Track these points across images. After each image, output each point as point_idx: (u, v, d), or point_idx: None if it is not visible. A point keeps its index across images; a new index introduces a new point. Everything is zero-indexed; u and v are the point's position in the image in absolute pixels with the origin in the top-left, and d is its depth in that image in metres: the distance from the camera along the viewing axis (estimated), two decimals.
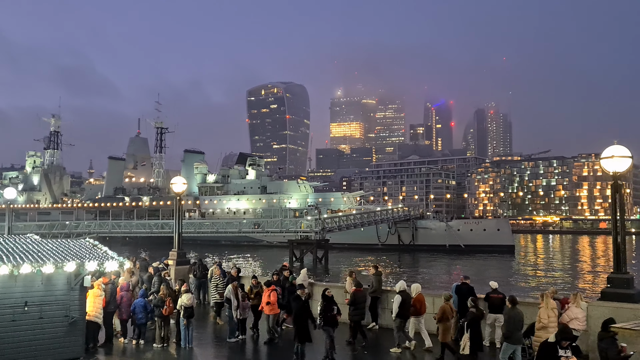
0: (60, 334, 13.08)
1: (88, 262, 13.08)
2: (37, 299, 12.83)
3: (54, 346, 12.97)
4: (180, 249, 22.99)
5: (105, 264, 13.39)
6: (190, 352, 14.68)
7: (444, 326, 13.41)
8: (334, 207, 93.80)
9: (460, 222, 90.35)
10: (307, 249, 63.69)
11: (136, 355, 14.62)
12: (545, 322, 11.91)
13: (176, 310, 15.15)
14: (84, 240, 15.63)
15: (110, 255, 13.98)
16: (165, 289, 15.50)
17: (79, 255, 13.57)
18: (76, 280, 13.26)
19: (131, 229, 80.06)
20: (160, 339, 15.13)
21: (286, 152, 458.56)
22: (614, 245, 13.37)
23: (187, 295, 15.01)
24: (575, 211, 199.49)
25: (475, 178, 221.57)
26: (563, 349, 8.31)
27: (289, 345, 14.98)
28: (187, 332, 14.93)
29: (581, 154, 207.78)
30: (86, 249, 14.56)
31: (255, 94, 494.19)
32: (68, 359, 13.11)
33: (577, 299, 12.80)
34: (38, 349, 12.76)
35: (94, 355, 14.02)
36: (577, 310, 12.57)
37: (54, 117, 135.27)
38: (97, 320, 14.68)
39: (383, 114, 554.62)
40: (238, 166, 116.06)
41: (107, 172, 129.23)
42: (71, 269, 12.81)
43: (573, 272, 58.71)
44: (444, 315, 13.47)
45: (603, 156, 13.10)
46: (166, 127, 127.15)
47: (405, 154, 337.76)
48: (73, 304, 13.28)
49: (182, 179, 23.18)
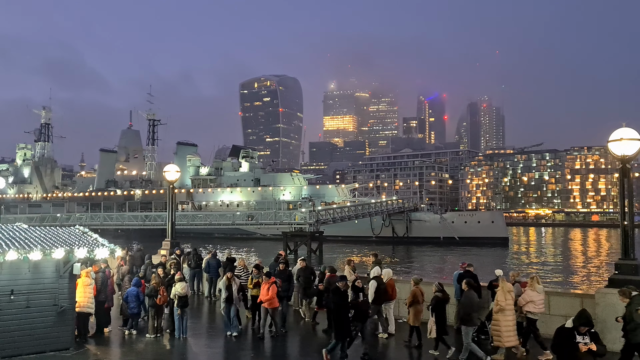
0: (49, 323, 12.56)
1: (77, 249, 12.56)
2: (24, 287, 12.30)
3: (42, 336, 12.45)
4: (173, 239, 22.50)
5: (95, 251, 12.88)
6: (185, 343, 14.14)
7: (415, 310, 13.44)
8: (327, 199, 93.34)
9: (455, 215, 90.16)
10: (301, 241, 63.24)
11: (128, 346, 14.09)
12: (502, 305, 11.87)
13: (170, 299, 14.66)
14: (74, 227, 15.10)
15: (101, 243, 13.46)
16: (157, 277, 14.97)
17: (68, 242, 13.04)
18: (65, 267, 12.73)
19: (123, 221, 79.25)
20: (153, 329, 14.62)
21: (279, 146, 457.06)
22: (622, 232, 13.03)
23: (181, 284, 14.47)
24: (568, 204, 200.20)
25: (469, 171, 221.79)
26: (581, 335, 7.83)
27: (289, 341, 14.61)
28: (181, 322, 14.41)
29: (573, 147, 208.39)
30: (76, 236, 14.02)
31: (248, 87, 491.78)
32: (57, 349, 12.60)
33: (533, 282, 12.78)
34: (25, 339, 12.23)
35: (84, 346, 13.46)
36: (532, 294, 12.57)
37: (45, 109, 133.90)
38: (88, 311, 14.13)
39: (376, 107, 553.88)
40: (231, 159, 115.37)
41: (98, 164, 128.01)
42: (60, 256, 12.28)
43: (566, 263, 59.40)
44: (415, 299, 13.52)
45: (611, 139, 12.63)
46: (158, 119, 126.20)
47: (398, 148, 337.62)
48: (62, 293, 12.75)
49: (175, 166, 22.68)
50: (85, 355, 12.85)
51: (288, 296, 15.67)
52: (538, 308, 12.58)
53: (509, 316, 11.99)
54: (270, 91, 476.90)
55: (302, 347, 14.49)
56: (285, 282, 15.58)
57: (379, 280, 14.40)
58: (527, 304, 12.51)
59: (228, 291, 14.73)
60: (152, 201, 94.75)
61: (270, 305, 14.27)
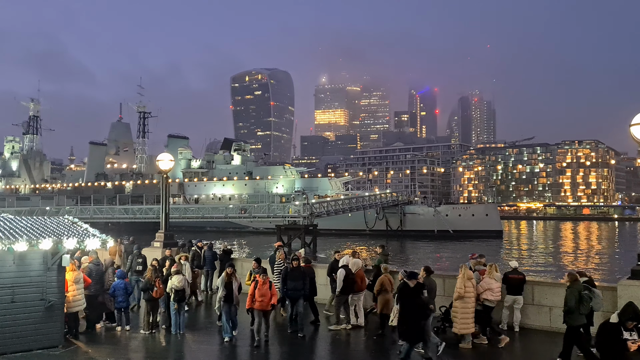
0: (36, 319, 11.66)
1: (66, 240, 11.67)
2: (8, 280, 11.39)
3: (29, 334, 11.55)
4: (167, 230, 21.59)
5: (85, 242, 12.00)
6: (182, 339, 13.30)
7: (383, 298, 13.25)
8: (320, 192, 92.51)
9: (449, 208, 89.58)
10: (295, 234, 62.33)
11: (121, 342, 13.19)
12: (461, 292, 11.90)
13: (166, 293, 13.76)
14: (62, 217, 14.19)
15: (92, 233, 12.58)
16: (151, 270, 14.07)
17: (56, 232, 12.15)
18: (53, 259, 11.83)
19: (114, 214, 77.99)
20: (148, 325, 13.77)
21: (270, 139, 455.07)
22: None
23: (178, 277, 13.57)
24: (559, 197, 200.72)
25: (460, 165, 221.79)
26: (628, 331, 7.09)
27: (289, 343, 13.75)
28: (177, 317, 13.54)
29: (565, 141, 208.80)
30: (64, 226, 13.12)
31: (239, 81, 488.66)
32: (44, 347, 11.73)
33: (492, 270, 12.88)
34: (10, 336, 11.32)
35: (73, 343, 12.58)
36: (490, 281, 12.67)
37: (33, 101, 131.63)
38: (77, 309, 13.17)
39: (367, 101, 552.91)
40: (223, 152, 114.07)
41: (88, 157, 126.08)
42: (47, 247, 11.38)
43: (558, 255, 59.78)
44: (383, 287, 13.35)
45: (633, 122, 11.90)
46: (149, 112, 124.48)
47: (389, 141, 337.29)
48: (50, 286, 11.85)
49: (169, 155, 21.67)
50: (75, 353, 11.99)
51: (304, 295, 13.95)
52: (495, 296, 12.65)
53: (468, 304, 12.02)
54: (262, 85, 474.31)
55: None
56: (299, 280, 13.77)
57: (347, 269, 14.11)
58: (484, 292, 12.54)
59: (227, 289, 13.00)
60: (144, 194, 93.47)
61: (260, 307, 12.63)
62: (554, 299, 13.27)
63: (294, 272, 13.88)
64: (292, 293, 13.71)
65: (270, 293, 12.69)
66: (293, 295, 13.75)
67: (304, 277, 13.90)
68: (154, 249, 21.37)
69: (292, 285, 13.70)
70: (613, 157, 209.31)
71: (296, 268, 13.94)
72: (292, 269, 14.01)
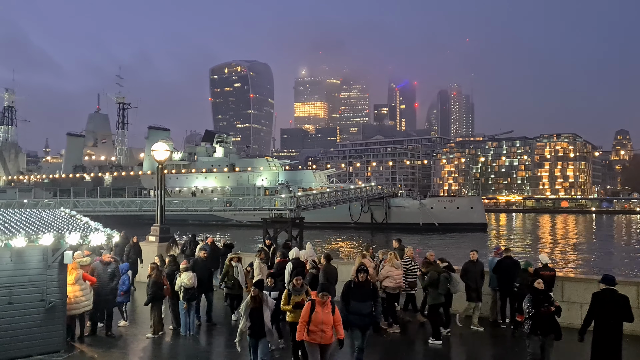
0: (36, 322, 10.60)
1: (69, 235, 10.64)
2: (5, 279, 10.31)
3: (28, 338, 10.48)
4: (162, 224, 20.56)
5: (89, 237, 10.97)
6: (192, 341, 12.35)
7: None
8: (305, 185, 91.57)
9: (434, 201, 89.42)
10: (282, 227, 61.40)
11: (128, 345, 12.15)
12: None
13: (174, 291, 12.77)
14: (59, 210, 13.11)
15: (94, 227, 11.54)
16: (155, 269, 13.04)
17: (56, 226, 11.10)
18: (54, 256, 10.78)
19: (94, 207, 75.85)
20: (159, 327, 12.74)
21: (250, 132, 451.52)
22: None
23: (188, 274, 12.56)
24: (537, 190, 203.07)
25: (441, 158, 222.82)
26: None
27: None
28: (187, 317, 12.58)
29: (543, 135, 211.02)
30: (63, 219, 12.06)
31: (218, 72, 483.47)
32: (45, 352, 10.69)
33: (392, 258, 13.25)
34: (7, 341, 10.26)
35: (76, 347, 11.55)
36: (390, 269, 13.05)
37: (8, 91, 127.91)
38: (77, 312, 12.07)
39: (347, 94, 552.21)
40: (205, 144, 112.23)
41: (65, 149, 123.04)
42: (48, 243, 10.33)
43: (541, 245, 60.84)
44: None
45: None
46: (128, 103, 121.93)
47: (369, 134, 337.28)
48: (51, 286, 10.79)
49: (165, 145, 20.64)
50: (79, 358, 10.97)
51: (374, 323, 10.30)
52: (395, 283, 13.03)
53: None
54: (241, 77, 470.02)
55: None
56: (367, 299, 9.76)
57: (295, 262, 13.37)
58: (385, 279, 12.95)
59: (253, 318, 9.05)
60: (125, 187, 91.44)
61: (321, 340, 8.60)
62: (585, 296, 12.67)
63: (360, 288, 9.77)
64: (357, 319, 9.64)
65: (333, 319, 8.66)
66: (358, 322, 9.64)
67: (374, 295, 10.06)
68: (150, 243, 20.35)
69: (357, 308, 9.65)
70: (590, 150, 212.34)
71: (364, 283, 9.77)
72: (356, 284, 9.79)
